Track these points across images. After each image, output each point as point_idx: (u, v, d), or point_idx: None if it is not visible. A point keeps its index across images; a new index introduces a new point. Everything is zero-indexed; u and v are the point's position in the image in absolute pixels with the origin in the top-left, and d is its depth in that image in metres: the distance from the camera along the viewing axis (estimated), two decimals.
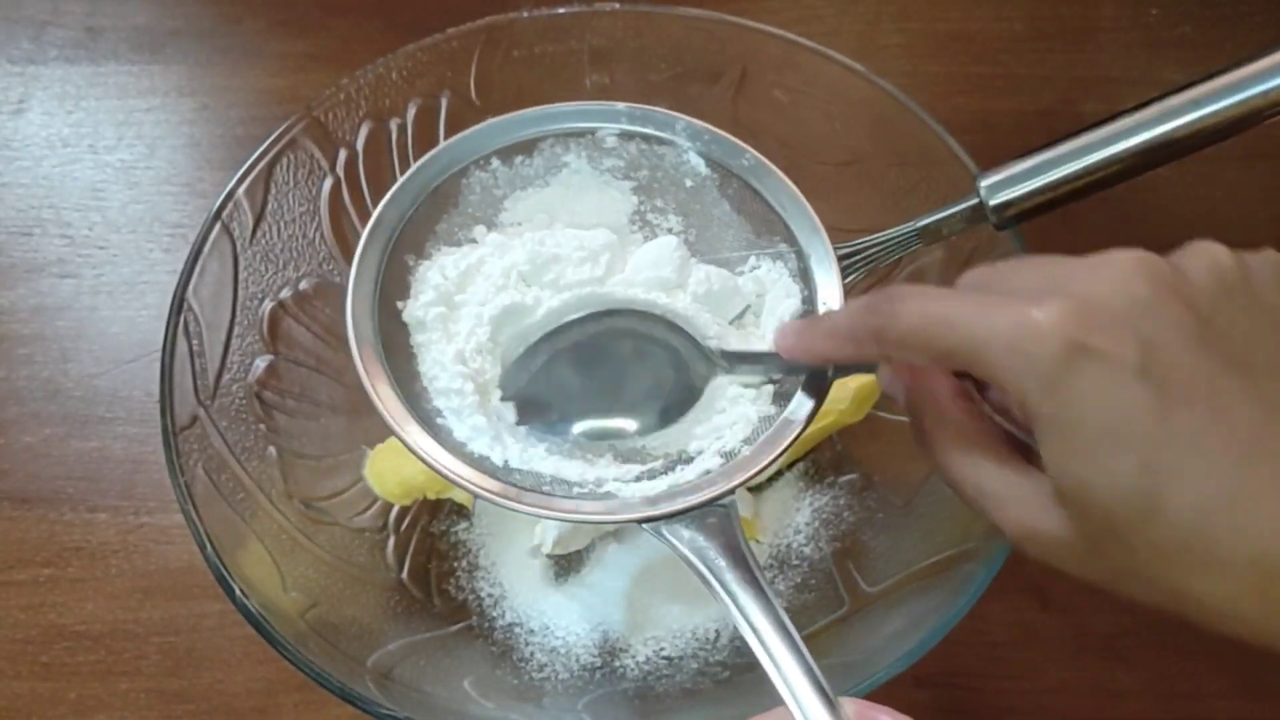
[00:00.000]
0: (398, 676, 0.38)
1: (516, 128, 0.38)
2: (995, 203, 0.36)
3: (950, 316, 0.27)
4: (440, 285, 0.36)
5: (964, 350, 0.27)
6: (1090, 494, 0.26)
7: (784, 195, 0.37)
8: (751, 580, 0.30)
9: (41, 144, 0.59)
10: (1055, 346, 0.25)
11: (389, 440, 0.46)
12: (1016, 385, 0.26)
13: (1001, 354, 0.26)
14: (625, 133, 0.39)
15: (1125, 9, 0.64)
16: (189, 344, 0.39)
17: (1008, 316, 0.26)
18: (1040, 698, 0.46)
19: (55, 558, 0.48)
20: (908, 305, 0.28)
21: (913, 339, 0.28)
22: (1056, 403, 0.25)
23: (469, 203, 0.38)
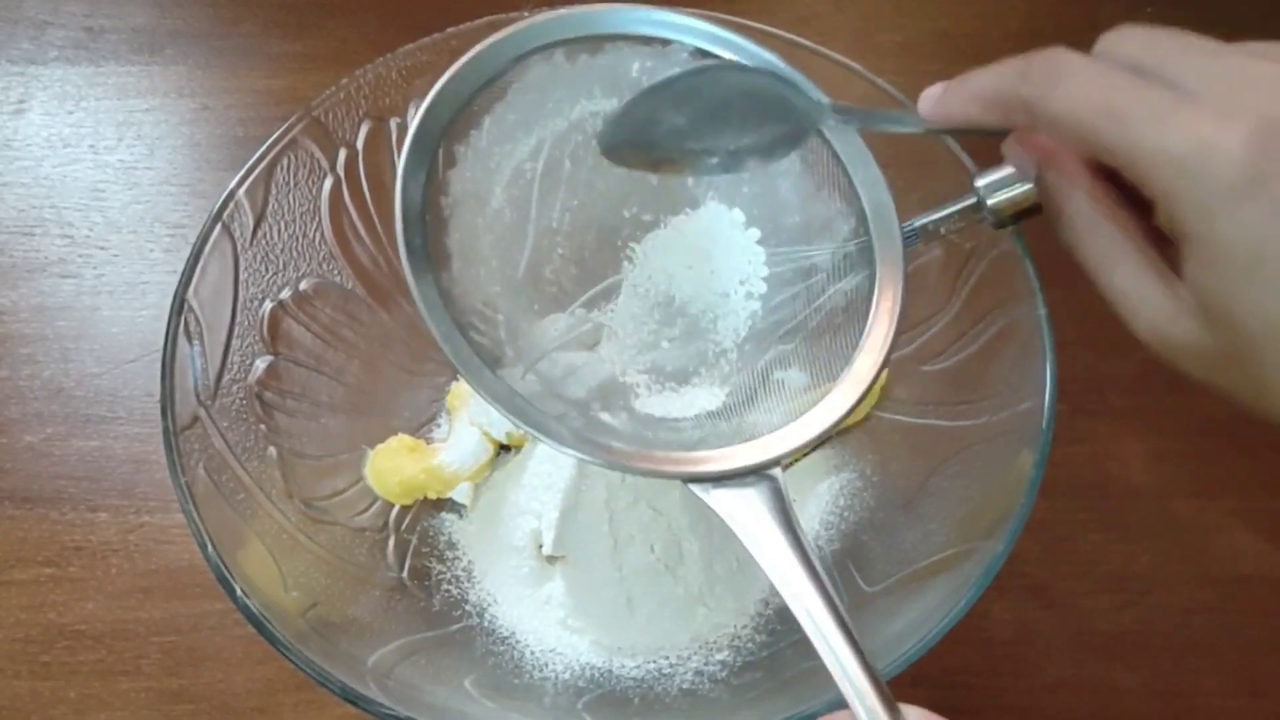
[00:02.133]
0: (398, 676, 0.38)
1: (588, 23, 0.36)
2: (993, 202, 0.36)
3: (1118, 111, 0.25)
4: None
5: (1123, 153, 0.25)
6: (1236, 316, 0.25)
7: (850, 150, 0.36)
8: (805, 562, 0.30)
9: (42, 144, 0.59)
10: (1231, 175, 0.24)
11: (389, 440, 0.47)
12: (1177, 204, 0.25)
13: (1168, 170, 0.25)
14: (700, 51, 0.36)
15: (1121, 8, 0.64)
16: (190, 344, 0.39)
17: (1184, 130, 0.24)
18: (1039, 696, 0.46)
19: (56, 557, 0.48)
20: (1069, 85, 0.26)
21: (1069, 124, 0.26)
22: (1217, 228, 0.24)
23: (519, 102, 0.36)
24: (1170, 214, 0.25)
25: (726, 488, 0.32)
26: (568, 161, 0.38)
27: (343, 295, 0.46)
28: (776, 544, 0.30)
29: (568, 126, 0.37)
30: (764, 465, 0.32)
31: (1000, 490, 0.38)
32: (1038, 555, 0.48)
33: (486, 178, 0.36)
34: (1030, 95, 0.28)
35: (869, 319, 0.34)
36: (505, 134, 0.36)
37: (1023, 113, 0.28)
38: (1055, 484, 0.38)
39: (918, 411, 0.45)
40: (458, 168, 0.35)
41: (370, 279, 0.47)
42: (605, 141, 0.35)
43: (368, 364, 0.48)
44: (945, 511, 0.41)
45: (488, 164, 0.36)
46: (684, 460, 0.32)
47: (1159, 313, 0.28)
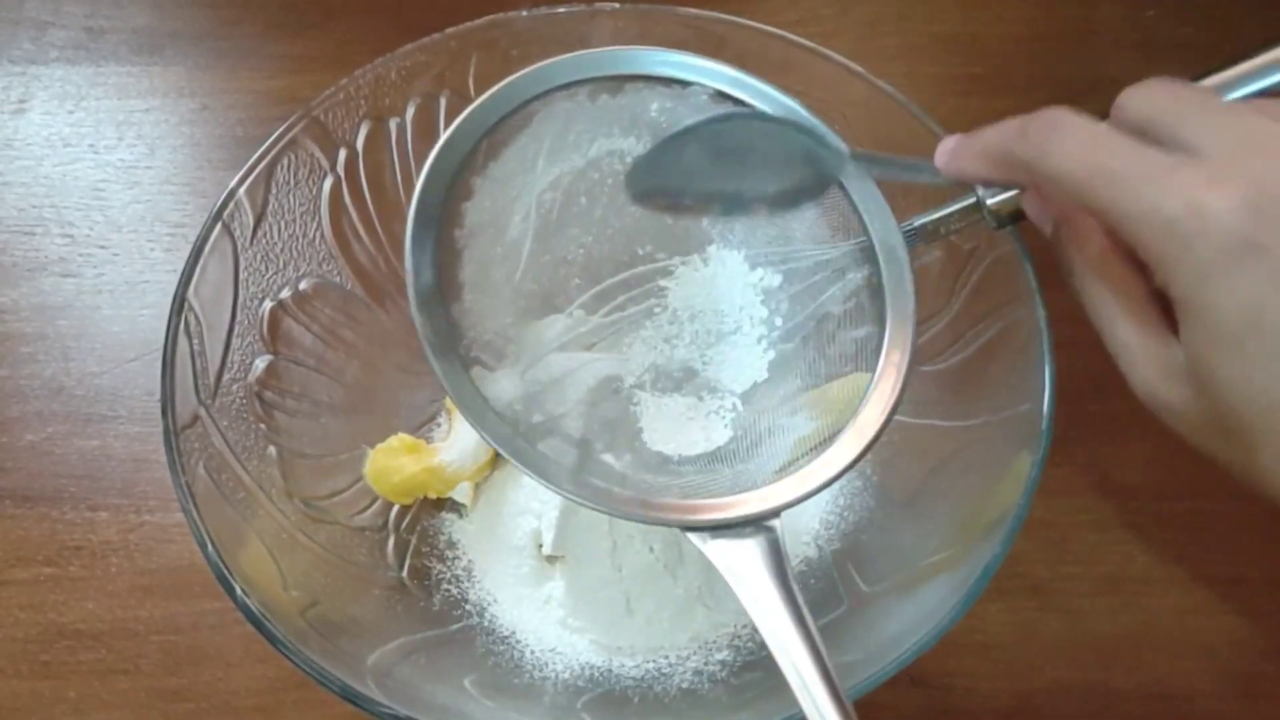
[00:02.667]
0: (398, 675, 0.38)
1: (611, 63, 0.36)
2: (993, 203, 0.36)
3: (1110, 172, 0.26)
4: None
5: (1116, 215, 0.25)
6: (1224, 387, 0.25)
7: (867, 199, 0.36)
8: (797, 619, 0.30)
9: (42, 144, 0.59)
10: (1223, 240, 0.24)
11: (389, 440, 0.47)
12: (1169, 269, 0.25)
13: (1160, 233, 0.25)
14: (719, 94, 0.37)
15: (1122, 10, 0.64)
16: (190, 343, 0.39)
17: (1177, 193, 0.24)
18: (1037, 698, 0.46)
19: (56, 556, 0.48)
20: (1065, 144, 0.27)
21: (1064, 183, 0.27)
22: (1208, 294, 0.24)
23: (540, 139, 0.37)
24: (1164, 278, 0.25)
25: (724, 538, 0.31)
26: (583, 198, 0.38)
27: (342, 295, 0.47)
28: (770, 598, 0.30)
29: (585, 164, 0.38)
30: (763, 516, 0.32)
31: (999, 491, 0.38)
32: (1036, 556, 0.48)
33: (504, 209, 0.37)
34: (1028, 155, 0.28)
35: (877, 371, 0.34)
36: (524, 167, 0.37)
37: (1024, 172, 0.28)
38: (1054, 485, 0.38)
39: (917, 412, 0.45)
40: (474, 199, 0.35)
41: (370, 279, 0.47)
42: (633, 185, 0.36)
43: (367, 364, 0.48)
44: (944, 512, 0.41)
45: (505, 196, 0.36)
46: (683, 508, 0.32)
47: (1153, 373, 0.28)
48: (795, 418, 0.36)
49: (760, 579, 0.31)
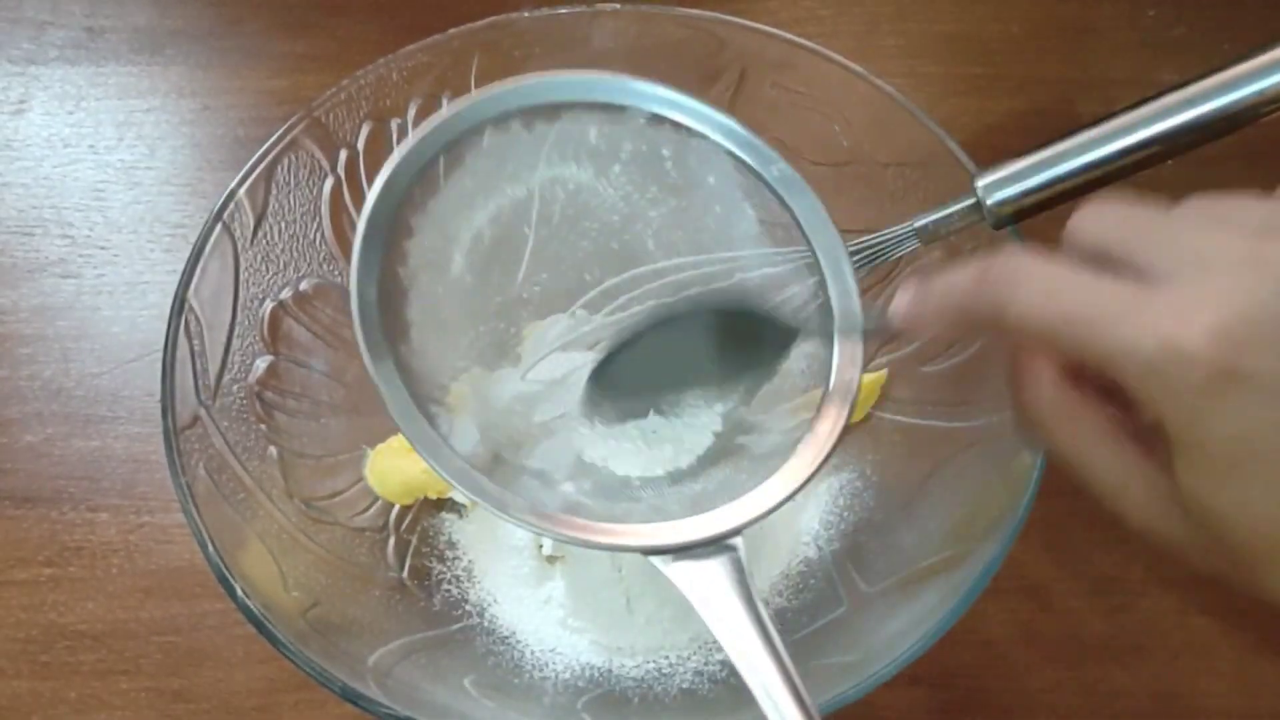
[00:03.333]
0: (399, 675, 0.38)
1: (543, 91, 0.35)
2: (993, 202, 0.36)
3: (1078, 315, 0.25)
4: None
5: (1093, 358, 0.25)
6: (1223, 517, 0.25)
7: (811, 216, 0.35)
8: (764, 637, 0.29)
9: (42, 144, 0.59)
10: (1200, 374, 0.23)
11: (390, 440, 0.47)
12: (1155, 404, 0.24)
13: (1140, 371, 0.24)
14: (656, 117, 0.36)
15: (1122, 9, 0.64)
16: (190, 344, 0.40)
17: (1150, 328, 0.23)
18: (1037, 697, 0.46)
19: (56, 557, 0.48)
20: (1029, 291, 0.26)
21: (1034, 331, 0.26)
22: (1197, 430, 0.24)
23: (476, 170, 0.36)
24: (1154, 413, 0.25)
25: (687, 559, 0.31)
26: (526, 229, 0.37)
27: (343, 295, 0.46)
28: (736, 618, 0.30)
29: (526, 194, 0.37)
30: (723, 536, 0.31)
31: (999, 492, 0.38)
32: (1035, 556, 0.48)
33: (445, 246, 0.36)
34: (992, 303, 0.27)
35: (829, 383, 0.34)
36: (464, 201, 0.36)
37: (990, 322, 0.27)
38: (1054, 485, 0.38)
39: (918, 412, 0.45)
40: (416, 238, 0.35)
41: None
42: (590, 404, 0.36)
43: None
44: (944, 512, 0.41)
45: (445, 232, 0.36)
46: (643, 533, 0.32)
47: (1142, 504, 0.27)
48: (751, 435, 0.36)
49: (725, 599, 0.30)
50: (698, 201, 0.37)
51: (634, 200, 0.38)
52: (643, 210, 0.38)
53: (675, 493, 0.35)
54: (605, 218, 0.38)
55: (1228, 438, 0.24)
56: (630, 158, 0.37)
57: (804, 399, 0.35)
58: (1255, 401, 0.23)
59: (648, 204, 0.38)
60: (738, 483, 0.33)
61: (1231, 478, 0.24)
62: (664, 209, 0.38)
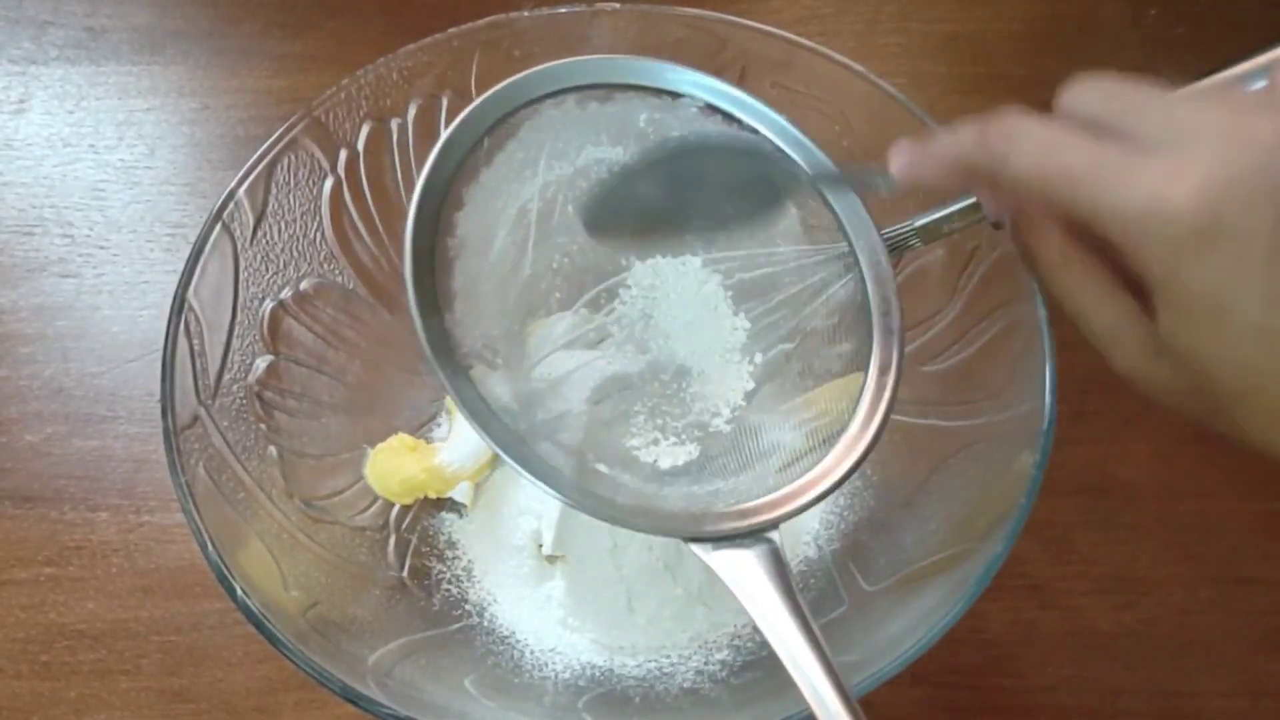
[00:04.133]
0: (398, 675, 0.38)
1: (603, 71, 0.36)
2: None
3: (1073, 172, 0.26)
4: None
5: (1084, 211, 0.26)
6: (1203, 362, 0.26)
7: (853, 216, 0.37)
8: (804, 626, 0.30)
9: (42, 144, 0.59)
10: (1186, 229, 0.25)
11: (390, 440, 0.47)
12: (1140, 257, 0.26)
13: (1128, 226, 0.26)
14: (710, 107, 0.37)
15: (1123, 9, 0.64)
16: (190, 344, 0.39)
17: (1140, 186, 0.25)
18: (1038, 696, 0.46)
19: (56, 556, 0.48)
20: (1025, 148, 0.27)
21: (1028, 187, 0.28)
22: (1180, 280, 0.25)
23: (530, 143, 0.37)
24: (1138, 266, 0.26)
25: (726, 548, 0.32)
26: (570, 206, 0.38)
27: (343, 295, 0.46)
28: (774, 606, 0.31)
29: (573, 171, 0.38)
30: (762, 528, 0.32)
31: (1000, 490, 0.38)
32: (1037, 555, 0.48)
33: (493, 218, 0.37)
34: (988, 162, 0.29)
35: (866, 379, 0.35)
36: (513, 173, 0.37)
37: (986, 178, 0.29)
38: (1055, 484, 0.38)
39: (918, 411, 0.45)
40: (465, 210, 0.35)
41: (371, 279, 0.47)
42: (587, 219, 0.36)
43: (368, 363, 0.48)
44: (945, 511, 0.41)
45: (495, 204, 0.37)
46: (684, 519, 0.33)
47: (1134, 352, 0.29)
48: (789, 428, 0.37)
49: (763, 588, 0.31)
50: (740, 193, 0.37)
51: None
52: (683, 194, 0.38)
53: (714, 482, 0.36)
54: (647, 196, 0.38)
55: (1206, 289, 0.25)
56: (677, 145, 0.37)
57: (844, 382, 0.36)
58: (1233, 256, 0.25)
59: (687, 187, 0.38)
60: (776, 477, 0.34)
61: (1209, 326, 0.26)
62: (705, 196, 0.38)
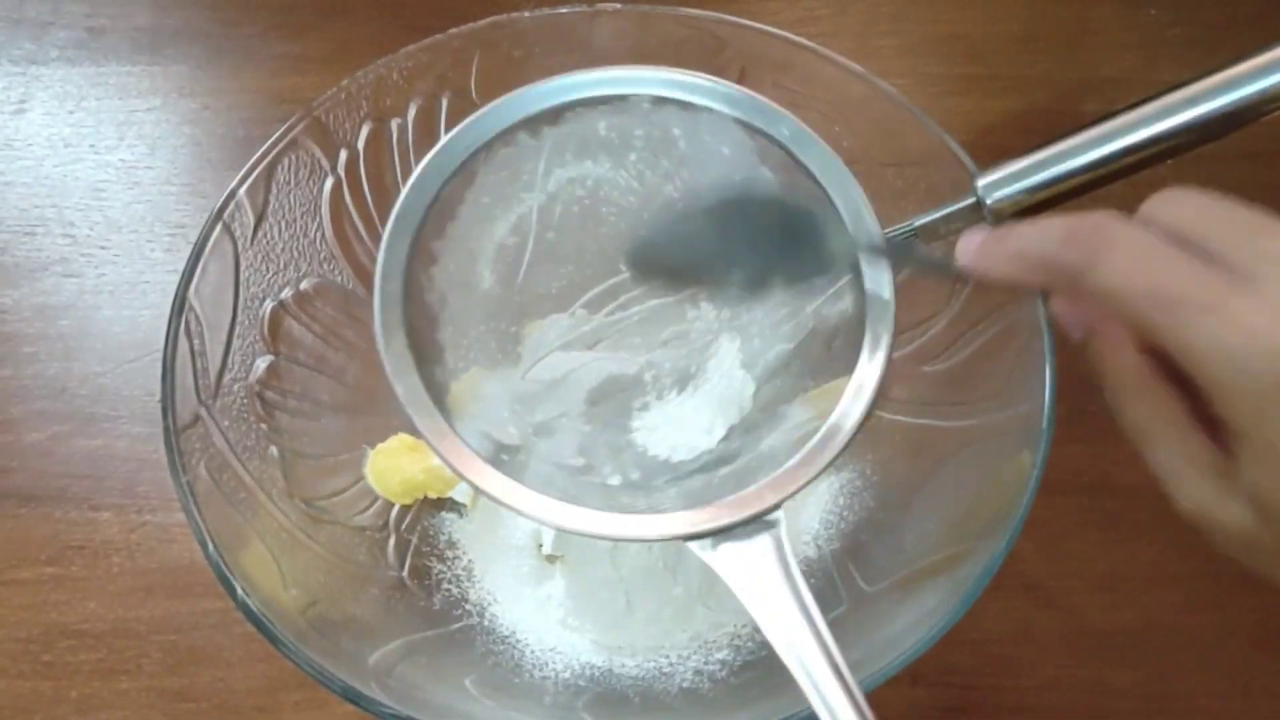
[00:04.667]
0: (399, 675, 0.38)
1: (540, 99, 0.36)
2: (993, 201, 0.36)
3: (1168, 297, 0.25)
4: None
5: (1174, 343, 0.25)
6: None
7: (826, 166, 0.35)
8: (809, 621, 0.29)
9: (43, 144, 0.60)
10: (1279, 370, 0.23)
11: (390, 440, 0.47)
12: (1230, 399, 0.24)
13: (1221, 364, 0.24)
14: (660, 99, 0.36)
15: (1122, 9, 0.64)
16: (190, 344, 0.40)
17: (1237, 323, 0.24)
18: (1036, 696, 0.46)
19: (58, 556, 0.48)
20: (1117, 261, 0.26)
21: (1115, 301, 0.26)
22: (1267, 428, 0.24)
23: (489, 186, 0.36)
24: (1223, 407, 0.25)
25: (728, 542, 0.31)
26: (551, 233, 0.38)
27: (344, 295, 0.47)
28: (779, 598, 0.30)
29: (546, 198, 0.37)
30: (765, 511, 0.32)
31: (999, 490, 0.38)
32: (1035, 555, 0.48)
33: (471, 264, 0.36)
34: (1075, 266, 0.27)
35: (860, 350, 0.34)
36: (482, 218, 0.36)
37: (1066, 281, 0.27)
38: (1054, 484, 0.38)
39: (917, 411, 0.45)
40: (439, 264, 0.35)
41: (371, 279, 0.47)
42: (635, 259, 0.36)
43: (368, 364, 0.48)
44: (945, 511, 0.41)
45: (469, 249, 0.36)
46: (681, 520, 0.32)
47: (1202, 491, 0.27)
48: (784, 412, 0.36)
49: (767, 579, 0.30)
50: (716, 173, 0.37)
51: (651, 182, 0.38)
52: (663, 191, 0.38)
53: (711, 473, 0.35)
54: (626, 204, 0.38)
55: None
56: (643, 143, 0.37)
57: (837, 385, 0.35)
58: None
59: (666, 183, 0.38)
60: (774, 458, 0.33)
61: None
62: (684, 185, 0.38)
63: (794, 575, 0.31)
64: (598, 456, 0.36)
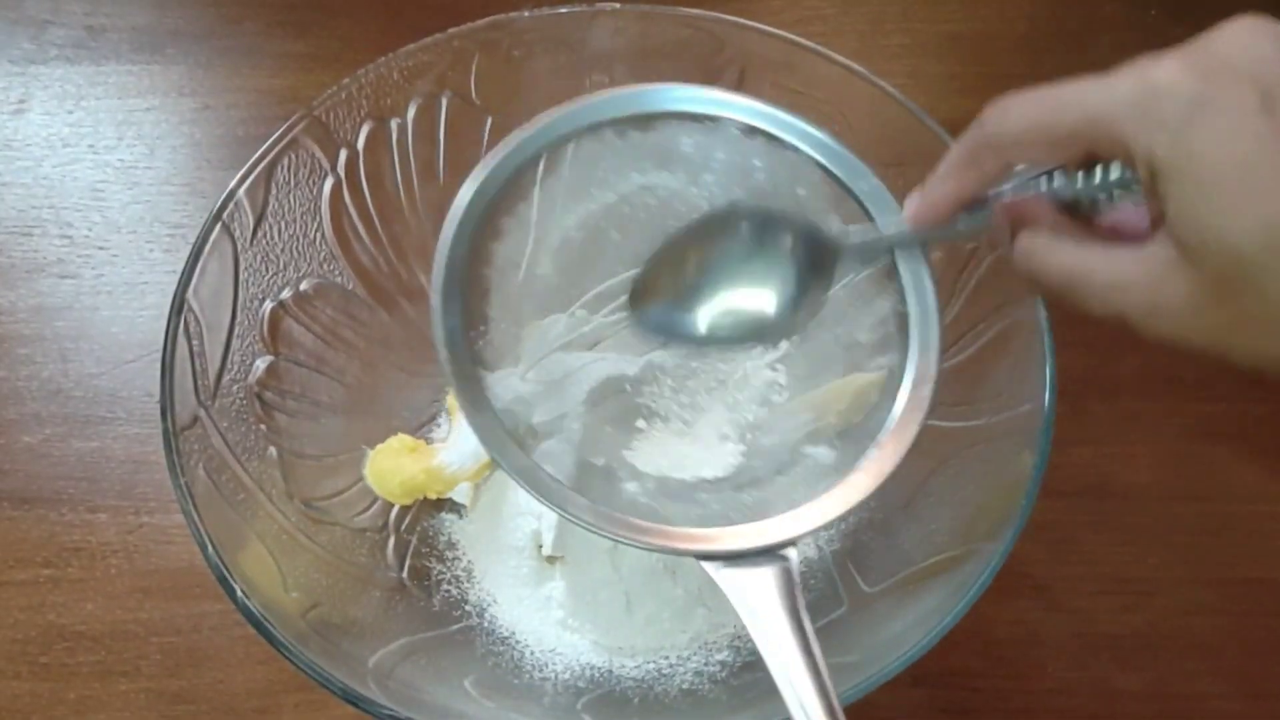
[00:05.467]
0: (399, 676, 0.38)
1: (637, 103, 0.36)
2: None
3: (1064, 96, 0.28)
4: None
5: (1086, 123, 0.28)
6: (1223, 238, 0.26)
7: (898, 233, 0.35)
8: (806, 653, 0.30)
9: (42, 144, 0.59)
10: (1181, 97, 0.26)
11: (389, 440, 0.47)
12: (1145, 143, 0.26)
13: (1126, 115, 0.27)
14: (750, 128, 0.36)
15: (1125, 9, 0.64)
16: (189, 344, 0.39)
17: (1127, 81, 0.27)
18: (1040, 698, 0.46)
19: (55, 558, 0.48)
20: (1016, 101, 0.30)
21: (1031, 129, 0.29)
22: (1187, 151, 0.26)
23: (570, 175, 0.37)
24: (1147, 157, 0.27)
25: (738, 567, 0.31)
26: (615, 233, 0.38)
27: (343, 295, 0.46)
28: (781, 630, 0.30)
29: (617, 199, 0.37)
30: (779, 545, 0.32)
31: (1001, 491, 0.38)
32: (1039, 556, 0.48)
33: (534, 248, 0.37)
34: (988, 131, 0.31)
35: (895, 404, 0.34)
36: (553, 206, 0.37)
37: (990, 154, 0.31)
38: (1056, 485, 0.38)
39: None
40: (503, 240, 0.36)
41: (371, 279, 0.47)
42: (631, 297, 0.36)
43: (368, 364, 0.48)
44: (946, 512, 0.41)
45: (535, 235, 0.37)
46: (697, 537, 0.32)
47: (1143, 281, 0.28)
48: (809, 442, 0.36)
49: (772, 609, 0.30)
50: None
51: (719, 204, 0.38)
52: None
53: (729, 498, 0.36)
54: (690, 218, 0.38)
55: (1217, 156, 0.26)
56: (722, 167, 0.37)
57: (864, 385, 0.36)
58: (1236, 122, 0.26)
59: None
60: (794, 493, 0.34)
61: (1216, 189, 0.26)
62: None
63: (799, 608, 0.31)
64: (621, 470, 0.36)
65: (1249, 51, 0.26)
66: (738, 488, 0.36)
